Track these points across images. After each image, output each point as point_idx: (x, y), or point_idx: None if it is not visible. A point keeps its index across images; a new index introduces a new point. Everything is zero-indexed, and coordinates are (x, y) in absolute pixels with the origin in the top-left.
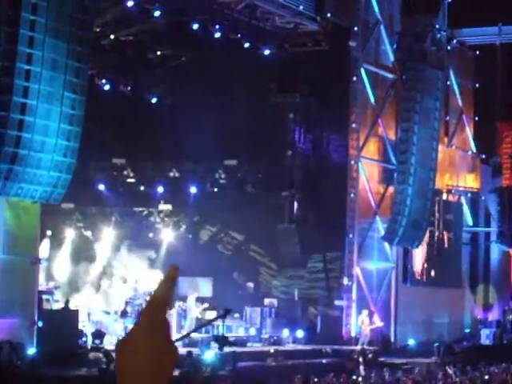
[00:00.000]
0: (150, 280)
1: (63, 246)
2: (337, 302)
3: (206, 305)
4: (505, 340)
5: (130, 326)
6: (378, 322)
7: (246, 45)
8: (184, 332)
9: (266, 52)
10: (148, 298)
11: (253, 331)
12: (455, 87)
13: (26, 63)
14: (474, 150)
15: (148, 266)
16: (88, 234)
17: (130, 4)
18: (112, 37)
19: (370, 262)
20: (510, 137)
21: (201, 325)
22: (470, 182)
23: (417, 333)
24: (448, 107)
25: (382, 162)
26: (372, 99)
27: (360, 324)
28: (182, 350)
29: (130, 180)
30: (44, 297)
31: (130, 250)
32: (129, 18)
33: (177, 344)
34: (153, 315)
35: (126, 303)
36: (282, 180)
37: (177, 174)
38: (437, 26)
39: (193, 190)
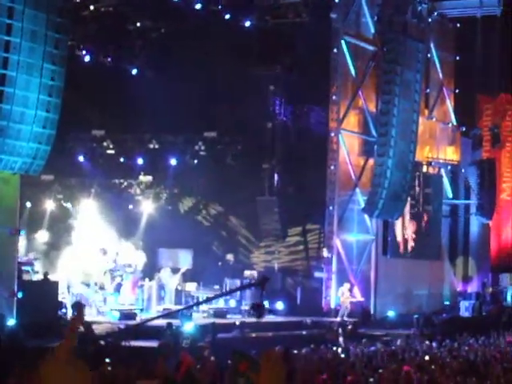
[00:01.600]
0: (130, 252)
1: (43, 217)
2: (316, 274)
3: (179, 274)
4: (484, 312)
5: (110, 298)
6: (359, 297)
7: (227, 16)
8: (166, 304)
9: (247, 24)
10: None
11: (233, 303)
12: (436, 60)
13: (5, 34)
14: (455, 123)
15: (128, 237)
16: (68, 205)
17: None
18: (92, 8)
19: (349, 234)
20: (490, 109)
21: (231, 290)
22: (450, 154)
23: (396, 305)
24: (428, 80)
25: (362, 134)
26: (353, 71)
27: (340, 295)
28: (162, 322)
29: (109, 151)
30: (24, 268)
31: (110, 221)
32: None
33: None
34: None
35: (106, 274)
36: (262, 152)
37: (156, 146)
38: None
39: (173, 161)
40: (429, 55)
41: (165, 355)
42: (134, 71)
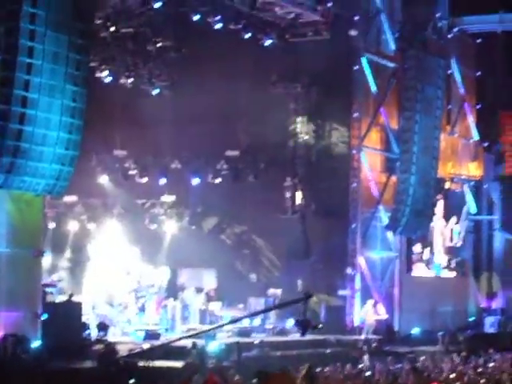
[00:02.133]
0: (154, 272)
1: (66, 238)
2: (340, 292)
3: (203, 295)
4: (509, 328)
5: (134, 318)
6: (383, 314)
7: (247, 36)
8: (190, 323)
9: (267, 42)
10: None
11: (257, 322)
12: (457, 75)
13: (27, 56)
14: (477, 138)
15: (151, 257)
16: (91, 226)
17: None
18: (112, 29)
19: (373, 251)
20: None
21: (273, 307)
22: (473, 170)
23: (421, 321)
24: (450, 95)
25: (384, 151)
26: (373, 88)
27: (364, 313)
28: (187, 342)
29: (131, 172)
30: (48, 290)
31: (133, 241)
32: (129, 9)
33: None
34: None
35: (130, 295)
36: (284, 170)
37: (178, 166)
38: (438, 15)
39: (195, 181)
40: (450, 71)
41: (190, 375)
42: (155, 91)
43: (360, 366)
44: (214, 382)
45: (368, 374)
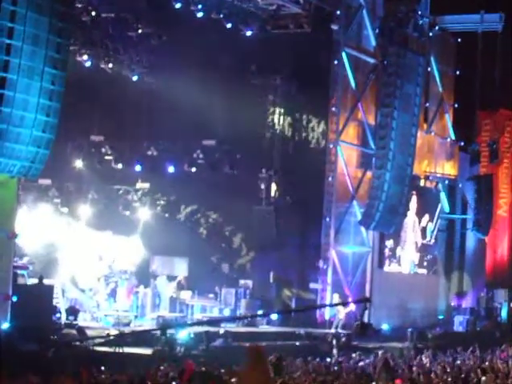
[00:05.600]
0: (126, 258)
1: (39, 221)
2: (312, 285)
3: (175, 283)
4: (478, 327)
5: (104, 304)
6: (352, 306)
7: (228, 25)
8: (160, 311)
9: (248, 33)
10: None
11: (227, 312)
12: (436, 74)
13: (6, 37)
14: (453, 138)
15: (124, 244)
16: (64, 210)
17: None
18: (94, 13)
19: (346, 245)
20: (488, 125)
21: (317, 305)
22: (448, 169)
23: (391, 317)
24: (428, 93)
25: (360, 146)
26: (353, 83)
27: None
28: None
29: (107, 157)
30: (19, 272)
31: (106, 227)
32: None
33: None
34: None
35: (100, 280)
36: (260, 162)
37: (155, 153)
38: (419, 12)
39: (170, 169)
40: (429, 69)
41: (159, 364)
42: (135, 78)
43: (328, 359)
44: (191, 369)
45: (336, 368)
